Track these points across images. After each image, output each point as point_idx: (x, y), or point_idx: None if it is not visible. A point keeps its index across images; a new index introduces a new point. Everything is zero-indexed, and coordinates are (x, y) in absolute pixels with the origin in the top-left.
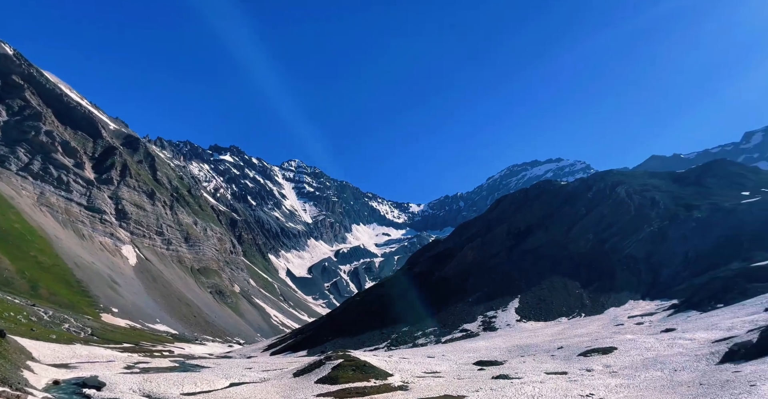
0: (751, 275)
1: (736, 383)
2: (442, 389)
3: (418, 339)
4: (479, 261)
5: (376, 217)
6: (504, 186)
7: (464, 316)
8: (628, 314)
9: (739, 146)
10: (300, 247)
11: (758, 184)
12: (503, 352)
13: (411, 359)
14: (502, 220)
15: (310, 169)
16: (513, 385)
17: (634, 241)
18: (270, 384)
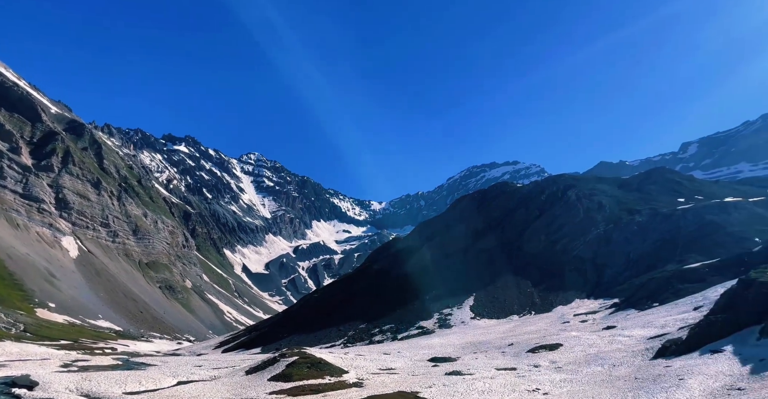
0: (683, 276)
1: (667, 377)
2: (397, 385)
3: (375, 336)
4: (437, 259)
5: (338, 213)
6: (463, 186)
7: (421, 314)
8: (574, 312)
9: (677, 156)
10: (257, 242)
11: (693, 192)
12: (457, 349)
13: (367, 356)
14: (460, 220)
15: (270, 163)
16: (465, 380)
17: (582, 242)
18: (221, 382)
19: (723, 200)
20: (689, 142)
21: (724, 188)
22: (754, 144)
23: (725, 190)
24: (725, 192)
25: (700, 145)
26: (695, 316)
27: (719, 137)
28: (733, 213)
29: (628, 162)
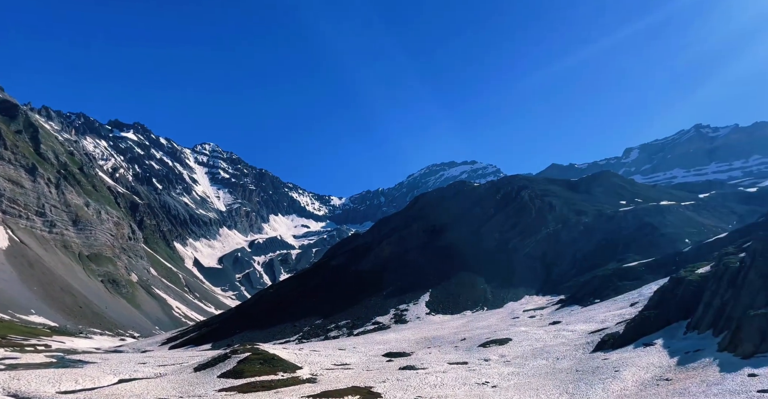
0: (622, 275)
1: (604, 369)
2: (351, 381)
3: (331, 332)
4: (395, 256)
5: (296, 208)
6: (423, 184)
7: (377, 309)
8: (524, 308)
9: (620, 160)
10: (211, 235)
11: (633, 195)
12: (412, 344)
13: (322, 352)
14: (419, 217)
15: (227, 155)
16: (418, 375)
17: (533, 241)
18: (166, 379)
19: (659, 203)
20: (631, 147)
21: (661, 192)
22: (687, 152)
23: (661, 194)
24: (661, 196)
25: (640, 151)
26: (631, 311)
27: (657, 144)
28: (668, 216)
29: (577, 165)
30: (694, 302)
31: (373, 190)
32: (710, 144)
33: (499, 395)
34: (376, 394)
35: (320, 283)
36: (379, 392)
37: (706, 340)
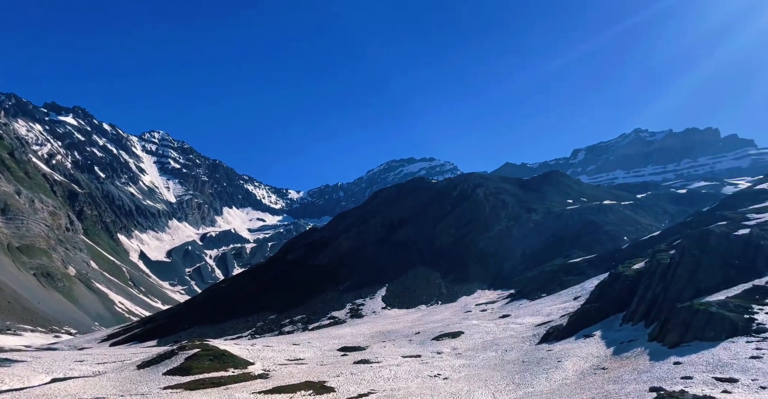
0: (568, 270)
1: (548, 360)
2: (304, 375)
3: (285, 327)
4: (353, 251)
5: (252, 201)
6: (382, 180)
7: (333, 304)
8: (476, 302)
9: (568, 161)
10: (159, 227)
11: (580, 194)
12: (367, 338)
13: (275, 347)
14: (377, 213)
15: (177, 144)
16: (372, 368)
17: (486, 237)
18: (106, 378)
19: (602, 203)
20: (579, 149)
21: (604, 192)
22: (627, 154)
23: (604, 194)
24: (604, 195)
25: (587, 152)
26: (574, 305)
27: (602, 146)
28: (609, 214)
29: (529, 164)
30: (629, 296)
31: (332, 185)
32: (648, 148)
33: (450, 387)
34: (330, 388)
35: (276, 277)
36: (332, 386)
37: (639, 331)
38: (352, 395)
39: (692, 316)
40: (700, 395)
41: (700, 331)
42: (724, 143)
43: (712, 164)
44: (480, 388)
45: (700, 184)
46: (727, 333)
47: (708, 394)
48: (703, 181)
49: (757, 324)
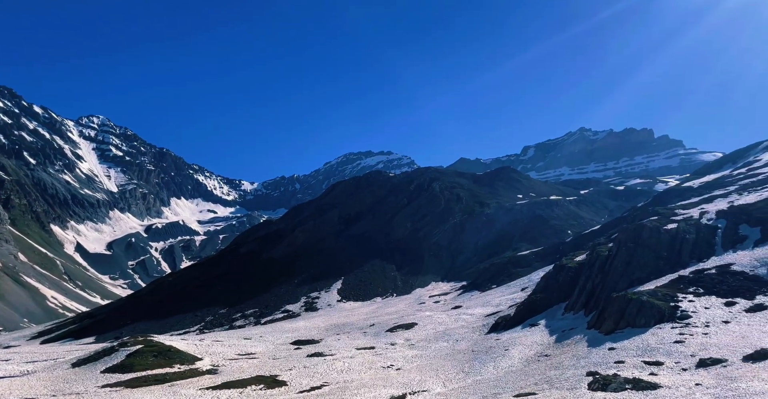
0: (516, 262)
1: (496, 348)
2: (255, 370)
3: (237, 321)
4: (309, 243)
5: (202, 192)
6: (339, 172)
7: (288, 298)
8: (430, 294)
9: (519, 157)
10: (99, 218)
11: (529, 189)
12: (321, 331)
13: (225, 342)
14: (334, 205)
15: (120, 130)
16: (326, 361)
17: (440, 230)
18: (36, 377)
19: (549, 198)
20: (529, 146)
21: (550, 188)
22: (572, 152)
23: (551, 190)
24: (551, 191)
25: (536, 149)
26: (522, 295)
27: (550, 144)
28: (555, 209)
29: (482, 160)
30: (572, 286)
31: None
32: (591, 146)
33: (403, 377)
34: (282, 382)
35: (227, 270)
36: (284, 380)
37: (579, 320)
38: (304, 388)
39: (626, 305)
40: (630, 378)
41: (633, 318)
42: (658, 143)
43: (647, 163)
44: (431, 377)
45: (636, 182)
46: (656, 320)
47: (637, 376)
48: (638, 179)
49: (681, 311)
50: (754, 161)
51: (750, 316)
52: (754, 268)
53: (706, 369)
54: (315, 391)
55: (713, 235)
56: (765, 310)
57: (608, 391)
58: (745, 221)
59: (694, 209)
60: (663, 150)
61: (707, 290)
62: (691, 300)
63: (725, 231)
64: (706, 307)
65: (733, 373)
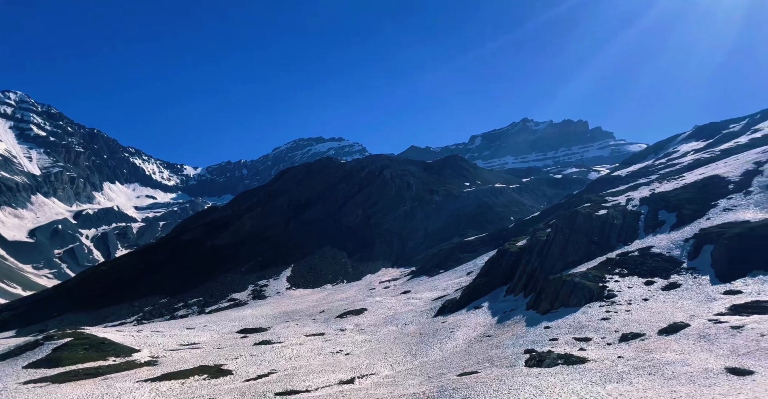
0: (463, 247)
1: (442, 330)
2: (199, 360)
3: (179, 311)
4: (257, 231)
5: (140, 176)
6: (289, 158)
7: (234, 286)
8: (380, 280)
9: (467, 146)
10: (18, 203)
11: (476, 178)
12: (269, 319)
13: (166, 332)
14: (284, 192)
15: (42, 108)
16: (274, 349)
17: (391, 217)
18: None
19: (494, 186)
20: (476, 135)
21: (495, 176)
22: (516, 142)
23: (496, 178)
24: (496, 179)
25: (483, 139)
26: (467, 279)
27: (495, 133)
28: (500, 196)
29: (432, 148)
30: (513, 270)
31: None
32: (533, 136)
33: (351, 361)
34: (227, 371)
35: (169, 258)
36: (230, 369)
37: (519, 301)
38: (251, 376)
39: (560, 287)
40: (562, 354)
41: (566, 298)
42: (592, 134)
43: (582, 153)
44: (380, 360)
45: (572, 171)
46: (586, 299)
47: (568, 352)
48: (574, 168)
49: (608, 291)
50: (673, 152)
51: (665, 293)
52: (670, 250)
53: (627, 343)
54: (262, 379)
55: (637, 221)
56: (678, 287)
57: (543, 367)
58: (663, 207)
59: (622, 196)
60: (596, 141)
61: (631, 271)
62: (617, 280)
63: (647, 216)
64: (629, 287)
65: (650, 345)
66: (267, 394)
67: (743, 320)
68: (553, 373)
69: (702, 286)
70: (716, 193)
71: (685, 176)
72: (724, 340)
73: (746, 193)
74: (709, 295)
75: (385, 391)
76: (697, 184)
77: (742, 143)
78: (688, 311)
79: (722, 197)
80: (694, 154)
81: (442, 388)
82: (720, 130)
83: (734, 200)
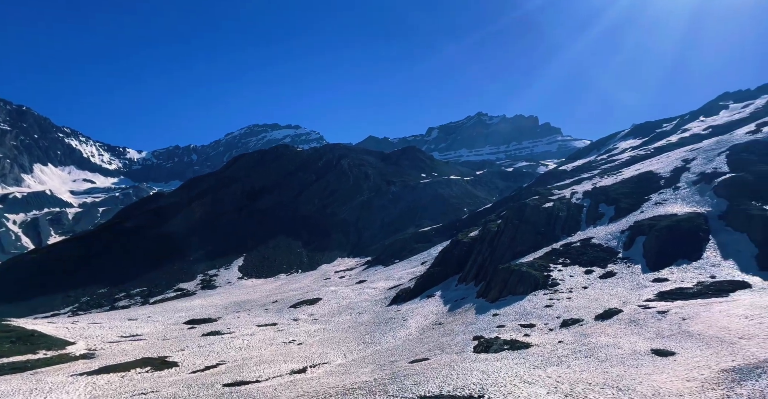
0: (418, 238)
1: (396, 319)
2: (141, 352)
3: (120, 301)
4: (209, 218)
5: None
6: (243, 145)
7: (182, 276)
8: (335, 269)
9: (424, 138)
10: None
11: (431, 169)
12: (219, 310)
13: (105, 324)
14: (237, 179)
15: None
16: (223, 340)
17: (348, 207)
18: None
19: (449, 178)
20: (433, 127)
21: (451, 168)
22: (470, 135)
23: (451, 170)
24: (451, 171)
25: (440, 131)
26: (422, 269)
27: (451, 126)
28: (454, 188)
29: (390, 139)
30: (465, 259)
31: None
32: (486, 130)
33: (304, 351)
34: (172, 363)
35: (109, 246)
36: (175, 361)
37: (470, 290)
38: (198, 368)
39: (509, 275)
40: (508, 339)
41: (514, 287)
42: (541, 130)
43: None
44: (333, 349)
45: (523, 164)
46: (532, 287)
47: (514, 338)
48: (524, 162)
49: (552, 279)
50: (613, 149)
51: (602, 281)
52: (608, 241)
53: (567, 328)
54: (210, 370)
55: (580, 213)
56: (614, 276)
57: (490, 353)
58: (604, 201)
59: (567, 190)
60: (545, 136)
61: (573, 260)
62: (560, 269)
63: (589, 209)
64: (571, 276)
65: (587, 330)
66: (215, 386)
67: (668, 306)
68: (499, 358)
69: (634, 275)
70: (649, 187)
71: (623, 171)
72: (651, 325)
73: (675, 188)
74: (640, 283)
75: (337, 380)
76: (633, 179)
77: (672, 142)
78: (622, 298)
79: (654, 192)
80: (632, 150)
81: (393, 375)
82: (654, 128)
83: (665, 195)
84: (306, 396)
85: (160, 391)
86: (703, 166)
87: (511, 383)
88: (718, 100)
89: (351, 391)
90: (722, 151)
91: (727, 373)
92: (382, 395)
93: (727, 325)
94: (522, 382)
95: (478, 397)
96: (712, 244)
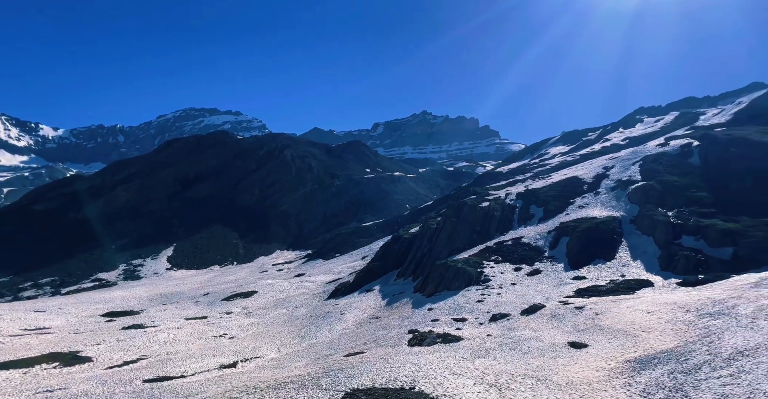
0: (360, 232)
1: (333, 313)
2: (49, 346)
3: (26, 291)
4: (135, 205)
5: None
6: (177, 128)
7: (102, 265)
8: (274, 262)
9: (369, 133)
10: None
11: (376, 164)
12: (143, 302)
13: (6, 316)
14: (169, 164)
15: None
16: (146, 333)
17: (290, 199)
18: None
19: (393, 174)
20: (379, 123)
21: (395, 165)
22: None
23: (395, 166)
24: (395, 167)
25: (385, 127)
26: (362, 263)
27: (397, 123)
28: (398, 184)
29: (335, 132)
30: (405, 255)
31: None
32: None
33: (236, 345)
34: (85, 358)
35: (15, 231)
36: (89, 356)
37: (408, 285)
38: (115, 363)
39: (445, 271)
40: (441, 333)
41: (449, 282)
42: (481, 132)
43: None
44: (266, 343)
45: (463, 164)
46: (466, 283)
47: (446, 331)
48: (465, 162)
49: (484, 276)
50: (545, 153)
51: (530, 278)
52: (536, 240)
53: (496, 322)
54: (129, 365)
55: (512, 213)
56: (540, 273)
57: (423, 346)
58: (534, 202)
59: (502, 191)
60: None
61: (504, 258)
62: (492, 266)
63: (521, 210)
64: (502, 272)
65: (513, 324)
66: (134, 382)
67: (584, 302)
68: (431, 351)
69: (558, 273)
70: (574, 191)
71: (553, 176)
72: (569, 319)
73: (596, 193)
74: (562, 280)
75: (269, 374)
76: (561, 183)
77: (596, 150)
78: (545, 294)
79: (578, 196)
80: (561, 156)
81: (327, 369)
82: (581, 137)
83: (587, 199)
84: (235, 391)
85: (70, 388)
86: (620, 173)
87: (441, 375)
88: (635, 113)
89: (283, 386)
90: (636, 161)
91: (629, 363)
92: (314, 389)
93: (632, 320)
94: (451, 373)
95: (409, 389)
96: (624, 245)
